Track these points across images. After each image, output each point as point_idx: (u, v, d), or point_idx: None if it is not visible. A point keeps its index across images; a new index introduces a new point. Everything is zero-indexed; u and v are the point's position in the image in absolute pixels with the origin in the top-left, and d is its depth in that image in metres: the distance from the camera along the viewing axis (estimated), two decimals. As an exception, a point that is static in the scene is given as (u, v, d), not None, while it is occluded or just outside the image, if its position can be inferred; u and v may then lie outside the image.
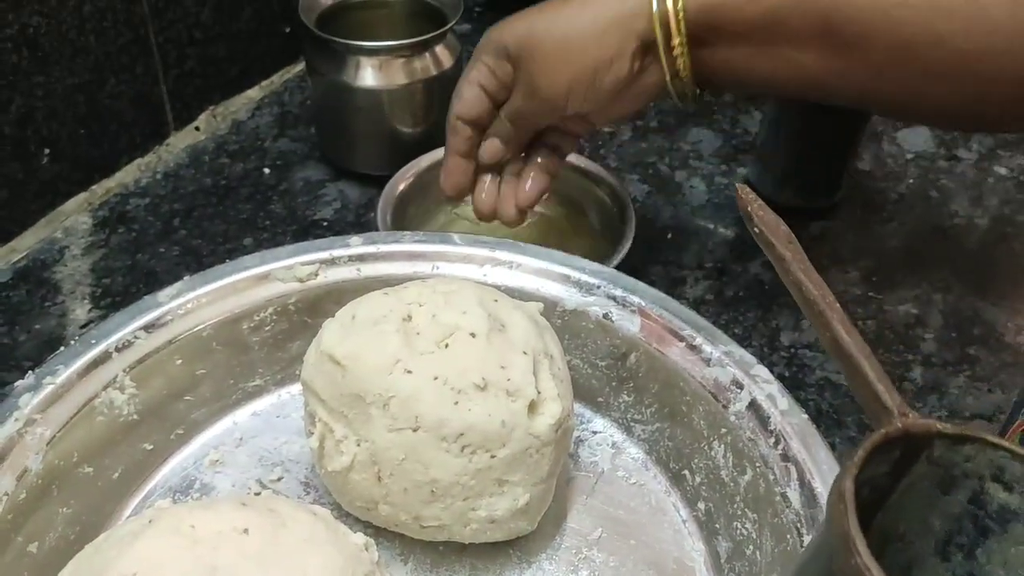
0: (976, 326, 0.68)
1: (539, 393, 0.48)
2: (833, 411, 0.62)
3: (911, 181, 0.80)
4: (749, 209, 0.44)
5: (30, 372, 0.51)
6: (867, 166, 0.82)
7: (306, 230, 0.72)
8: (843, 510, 0.29)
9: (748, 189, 0.46)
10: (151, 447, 0.54)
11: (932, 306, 0.69)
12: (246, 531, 0.37)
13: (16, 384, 0.50)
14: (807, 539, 0.45)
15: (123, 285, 0.67)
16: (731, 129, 0.84)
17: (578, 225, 0.72)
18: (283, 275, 0.57)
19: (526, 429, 0.47)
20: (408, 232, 0.61)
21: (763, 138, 0.77)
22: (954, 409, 0.62)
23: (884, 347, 0.66)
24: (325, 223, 0.73)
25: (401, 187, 0.69)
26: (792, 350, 0.66)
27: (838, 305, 0.38)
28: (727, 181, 0.79)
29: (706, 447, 0.52)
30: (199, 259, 0.68)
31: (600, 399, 0.57)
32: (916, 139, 0.85)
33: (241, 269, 0.57)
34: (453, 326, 0.48)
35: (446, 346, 0.48)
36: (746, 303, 0.68)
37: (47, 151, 0.68)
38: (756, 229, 0.44)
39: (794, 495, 0.47)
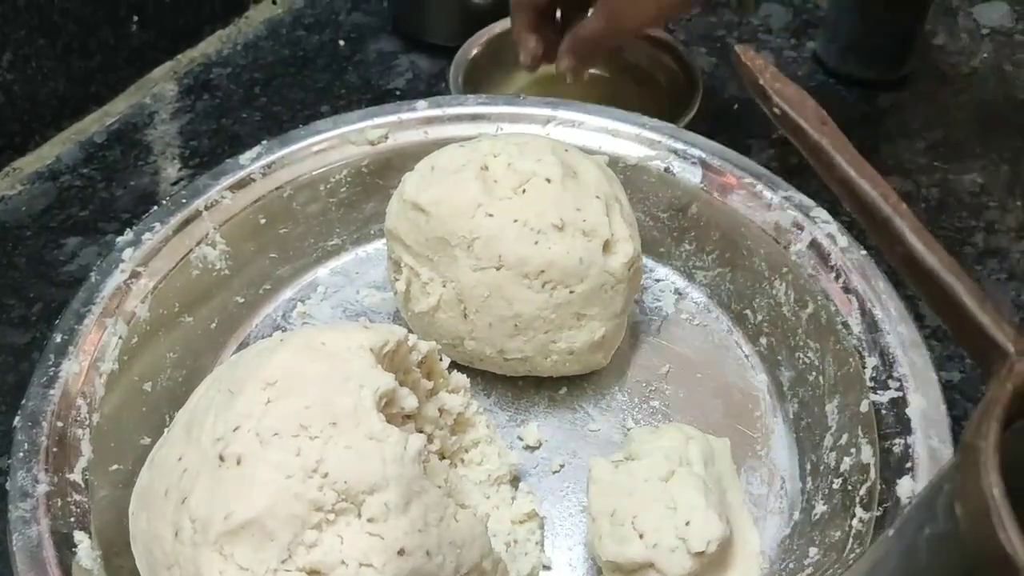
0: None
1: (613, 234, 0.51)
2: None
3: (985, 55, 0.80)
4: (761, 82, 0.33)
5: (129, 229, 0.54)
6: (941, 41, 0.81)
7: (380, 99, 0.74)
8: (997, 521, 0.21)
9: (752, 51, 0.34)
10: (242, 300, 0.57)
11: (998, 175, 0.70)
12: (372, 349, 0.40)
13: (117, 240, 0.53)
14: (869, 361, 0.48)
15: (209, 147, 0.70)
16: (802, 4, 0.84)
17: (645, 92, 0.73)
18: (355, 138, 0.60)
19: (602, 266, 0.50)
20: (472, 95, 0.63)
21: (830, 8, 0.77)
22: (1013, 272, 0.64)
23: (947, 214, 0.67)
24: (398, 92, 0.75)
25: (474, 52, 0.71)
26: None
27: (906, 207, 0.29)
28: (796, 55, 0.79)
29: (767, 286, 0.55)
30: (279, 124, 0.71)
31: (662, 249, 0.60)
32: (992, 14, 0.84)
33: (315, 133, 0.60)
34: (529, 172, 0.51)
35: (523, 191, 0.50)
36: (811, 170, 0.69)
37: (136, 18, 0.71)
38: (776, 109, 0.32)
39: (855, 323, 0.50)
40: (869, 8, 0.74)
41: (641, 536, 0.41)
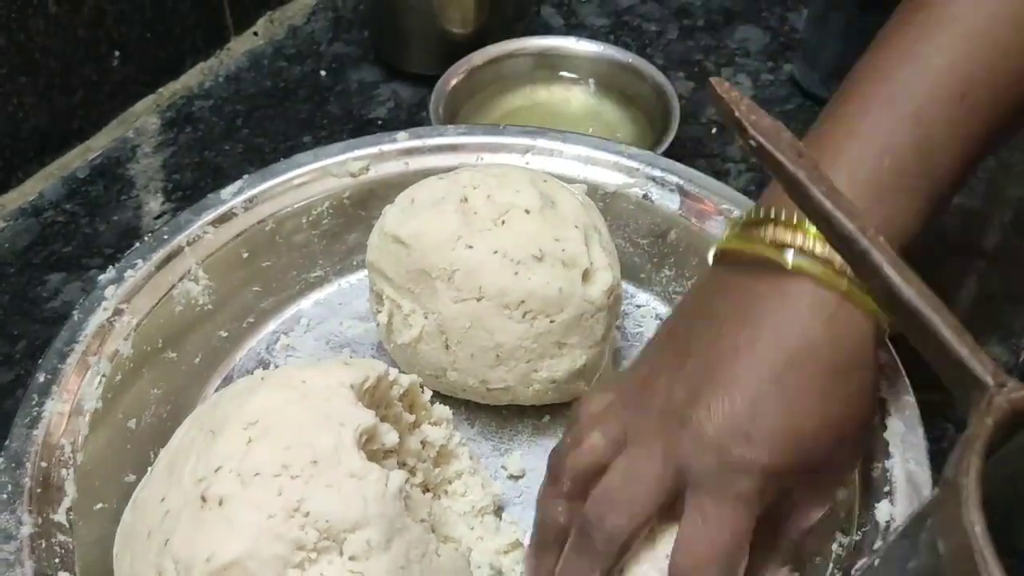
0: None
1: (591, 263, 0.51)
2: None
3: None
4: (737, 114, 0.32)
5: (111, 266, 0.54)
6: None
7: (361, 129, 0.75)
8: (980, 559, 0.21)
9: (726, 83, 0.33)
10: (226, 334, 0.57)
11: (975, 195, 0.70)
12: (352, 386, 0.40)
13: (100, 277, 0.54)
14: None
15: (192, 180, 0.71)
16: (779, 26, 0.84)
17: (624, 118, 0.74)
18: (336, 170, 0.60)
19: (581, 295, 0.51)
20: (452, 125, 0.64)
21: (809, 33, 0.78)
22: (993, 293, 0.63)
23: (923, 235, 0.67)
24: (380, 122, 0.76)
25: (453, 82, 0.71)
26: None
27: (883, 240, 0.28)
28: (773, 78, 0.80)
29: (747, 311, 0.55)
30: (262, 156, 0.71)
31: (643, 275, 0.61)
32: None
33: (296, 166, 0.60)
34: (508, 204, 0.51)
35: (503, 222, 0.51)
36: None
37: (117, 53, 0.72)
38: (752, 142, 0.32)
39: (833, 347, 0.50)
40: (851, 33, 0.75)
41: (621, 571, 0.42)
